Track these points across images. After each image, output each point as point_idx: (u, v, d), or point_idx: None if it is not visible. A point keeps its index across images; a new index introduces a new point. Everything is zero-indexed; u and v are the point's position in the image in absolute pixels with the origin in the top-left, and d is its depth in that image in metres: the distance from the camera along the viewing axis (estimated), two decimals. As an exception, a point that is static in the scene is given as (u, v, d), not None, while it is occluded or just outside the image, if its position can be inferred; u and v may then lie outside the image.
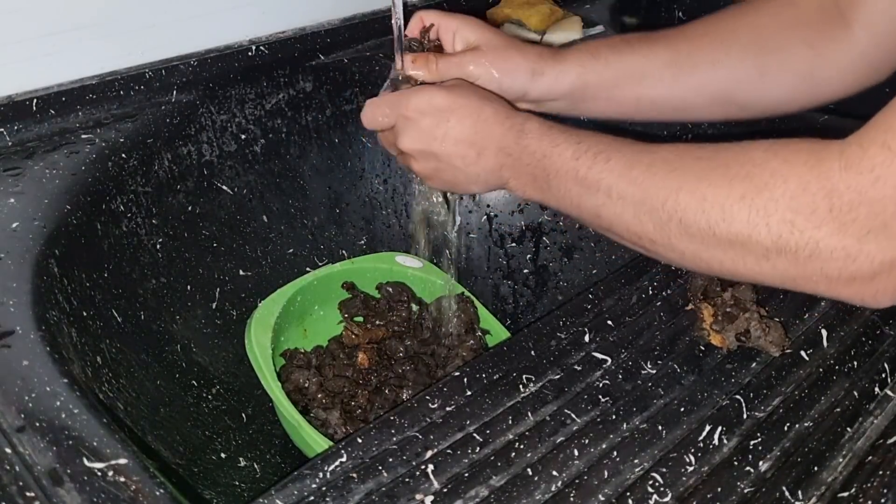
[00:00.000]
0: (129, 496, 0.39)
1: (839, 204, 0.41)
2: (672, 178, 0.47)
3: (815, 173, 0.42)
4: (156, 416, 0.60)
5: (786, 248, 0.43)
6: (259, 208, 0.81)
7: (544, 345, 0.53)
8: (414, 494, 0.42)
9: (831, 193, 0.41)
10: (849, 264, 0.42)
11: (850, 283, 0.43)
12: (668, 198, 0.47)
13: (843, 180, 0.41)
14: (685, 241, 0.47)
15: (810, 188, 0.42)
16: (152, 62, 0.75)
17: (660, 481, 0.43)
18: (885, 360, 0.53)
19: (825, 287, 0.44)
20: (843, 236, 0.41)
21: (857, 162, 0.41)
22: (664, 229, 0.48)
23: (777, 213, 0.43)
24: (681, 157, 0.48)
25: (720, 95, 0.64)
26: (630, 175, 0.49)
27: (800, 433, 0.47)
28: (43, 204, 0.59)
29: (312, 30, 0.85)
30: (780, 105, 0.66)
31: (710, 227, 0.45)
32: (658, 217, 0.48)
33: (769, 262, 0.44)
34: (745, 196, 0.44)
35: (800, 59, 0.62)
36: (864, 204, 0.41)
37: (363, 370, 0.73)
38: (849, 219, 0.41)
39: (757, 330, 0.52)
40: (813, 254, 0.42)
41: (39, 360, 0.46)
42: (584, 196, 0.52)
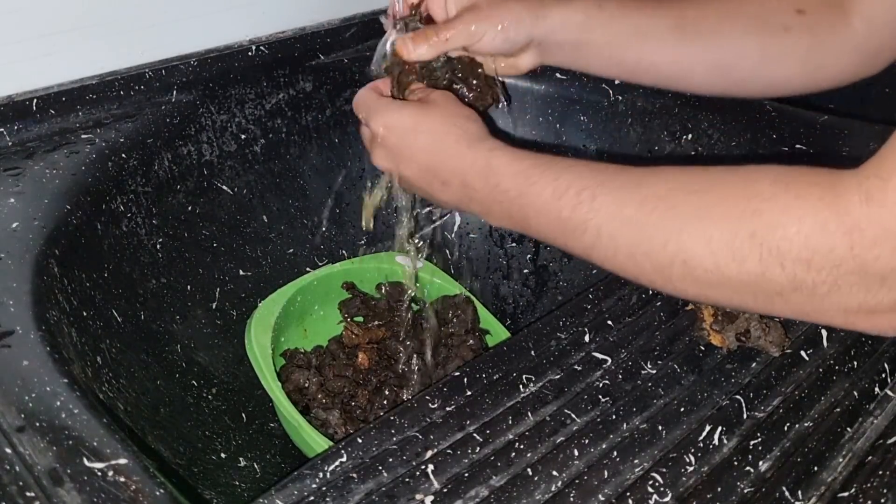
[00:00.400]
0: (129, 496, 0.39)
1: (861, 241, 0.38)
2: (670, 217, 0.44)
3: (834, 210, 0.39)
4: (156, 416, 0.60)
5: (802, 287, 0.40)
6: (259, 208, 0.81)
7: (544, 345, 0.53)
8: (414, 494, 0.42)
9: (852, 230, 0.38)
10: (868, 299, 0.40)
11: (869, 317, 0.41)
12: (668, 240, 0.44)
13: (865, 215, 0.38)
14: (689, 283, 0.44)
15: (829, 226, 0.39)
16: (152, 62, 0.75)
17: (660, 481, 0.43)
18: (885, 360, 0.53)
19: (842, 320, 0.42)
20: (864, 274, 0.39)
21: (878, 195, 0.38)
22: (665, 272, 0.45)
23: (792, 252, 0.40)
24: (676, 192, 0.45)
25: (720, 67, 0.64)
26: (622, 215, 0.46)
27: (800, 433, 0.47)
28: (43, 204, 0.59)
29: (312, 30, 0.85)
30: (776, 87, 0.66)
31: (717, 269, 0.42)
32: (658, 260, 0.44)
33: (783, 298, 0.42)
34: (755, 235, 0.41)
35: (799, 43, 0.62)
36: (889, 239, 0.38)
37: (363, 370, 0.73)
38: (871, 256, 0.38)
39: (757, 330, 0.52)
40: (831, 291, 0.40)
41: (39, 360, 0.46)
42: (571, 238, 0.48)
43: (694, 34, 0.63)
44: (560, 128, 0.87)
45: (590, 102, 0.85)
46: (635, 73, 0.66)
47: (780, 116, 0.75)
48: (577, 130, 0.87)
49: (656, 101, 0.82)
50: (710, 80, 0.65)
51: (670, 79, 0.66)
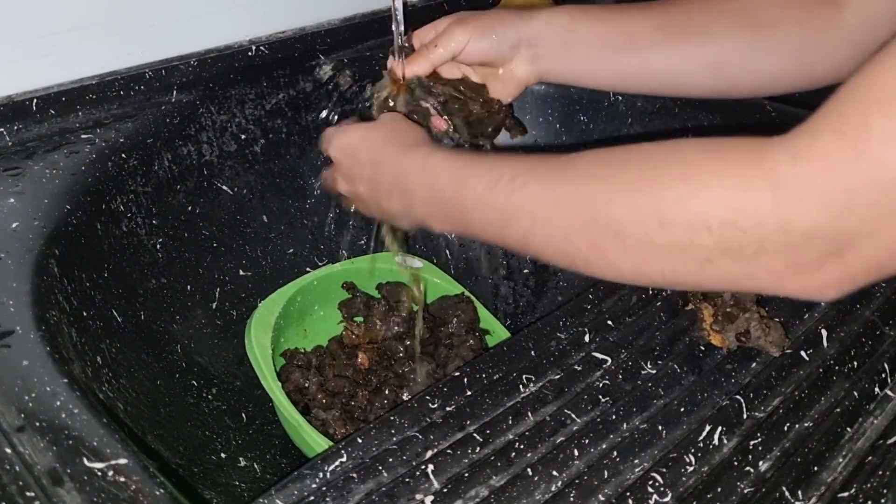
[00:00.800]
0: (129, 496, 0.39)
1: (786, 198, 0.38)
2: (599, 191, 0.44)
3: (758, 168, 0.39)
4: (156, 416, 0.60)
5: (729, 248, 0.40)
6: (259, 208, 0.81)
7: (544, 345, 0.53)
8: (414, 494, 0.42)
9: (776, 187, 0.38)
10: (795, 257, 0.39)
11: (796, 276, 0.40)
12: (598, 213, 0.44)
13: (790, 172, 0.38)
14: (623, 257, 0.44)
15: (753, 184, 0.39)
16: (152, 62, 0.75)
17: (660, 481, 0.43)
18: (885, 360, 0.53)
19: (770, 282, 0.41)
20: (789, 231, 0.39)
21: (806, 151, 0.38)
22: (598, 247, 0.44)
23: (717, 214, 0.40)
24: (605, 166, 0.45)
25: (710, 66, 0.64)
26: (553, 195, 0.46)
27: (800, 433, 0.47)
28: (43, 204, 0.59)
29: (312, 30, 0.85)
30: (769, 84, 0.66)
31: (648, 237, 0.42)
32: (590, 235, 0.44)
33: (713, 264, 0.41)
34: (681, 199, 0.41)
35: (790, 37, 0.62)
36: (814, 195, 0.38)
37: (363, 370, 0.73)
38: (796, 212, 0.38)
39: (757, 330, 0.52)
40: (758, 251, 0.40)
41: (39, 360, 0.46)
42: (507, 227, 0.48)
43: (680, 32, 0.63)
44: (560, 128, 0.87)
45: (590, 102, 0.85)
46: (628, 77, 0.66)
47: (780, 116, 0.75)
48: (577, 130, 0.87)
49: (656, 101, 0.82)
50: (704, 80, 0.66)
51: (662, 81, 0.67)
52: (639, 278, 0.45)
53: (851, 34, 0.61)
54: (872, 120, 0.36)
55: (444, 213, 0.52)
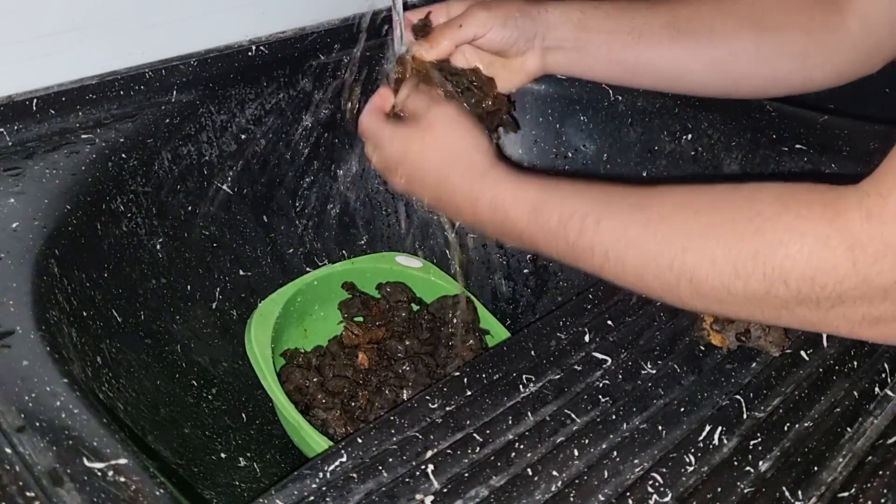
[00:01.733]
0: (129, 496, 0.39)
1: (863, 257, 0.39)
2: (674, 238, 0.45)
3: (835, 227, 0.40)
4: (156, 416, 0.60)
5: (807, 301, 0.41)
6: (259, 208, 0.81)
7: (544, 345, 0.53)
8: (414, 494, 0.42)
9: (854, 247, 0.39)
10: (872, 311, 0.40)
11: (873, 327, 0.42)
12: (674, 259, 0.44)
13: (866, 232, 0.39)
14: (696, 299, 0.45)
15: (830, 243, 0.40)
16: (152, 62, 0.75)
17: (660, 481, 0.43)
18: (885, 360, 0.53)
19: (846, 330, 0.43)
20: (867, 288, 0.40)
21: (879, 211, 0.39)
22: (673, 290, 0.46)
23: (795, 270, 0.41)
24: (679, 212, 0.45)
25: (716, 65, 0.65)
26: (626, 237, 0.47)
27: (800, 433, 0.47)
28: (43, 204, 0.59)
29: (312, 30, 0.85)
30: (771, 85, 0.67)
31: (723, 287, 0.43)
32: (664, 279, 0.45)
33: (788, 311, 0.43)
34: (758, 254, 0.42)
35: (794, 41, 0.63)
36: (889, 255, 0.39)
37: (363, 370, 0.73)
38: (874, 271, 0.39)
39: (757, 330, 0.52)
40: (836, 304, 0.41)
41: (39, 360, 0.46)
42: (581, 260, 0.50)
43: (688, 32, 0.65)
44: (560, 128, 0.87)
45: (590, 102, 0.85)
46: (635, 74, 0.67)
47: (780, 116, 0.75)
48: (577, 130, 0.87)
49: (656, 101, 0.82)
50: (709, 79, 0.67)
51: (669, 79, 0.68)
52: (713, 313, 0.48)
53: (853, 40, 0.62)
54: None
55: (516, 238, 0.53)
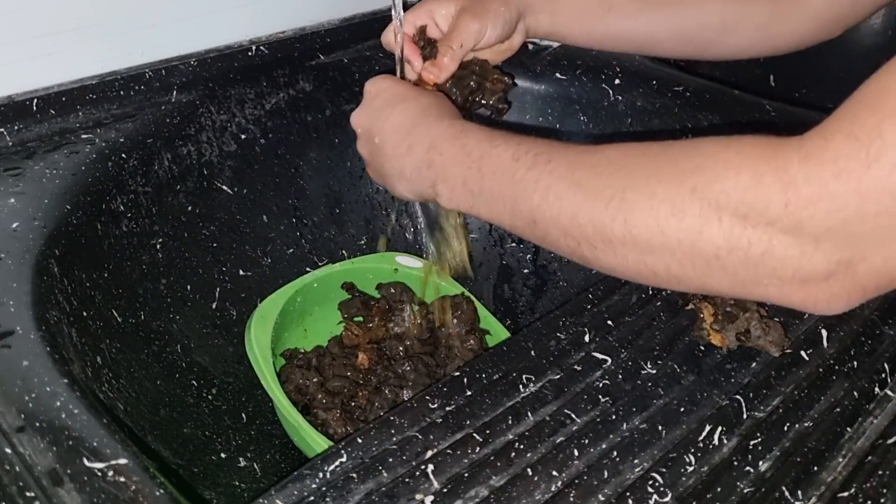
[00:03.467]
0: (129, 496, 0.39)
1: (796, 198, 0.38)
2: (618, 176, 0.44)
3: (772, 165, 0.39)
4: (156, 416, 0.60)
5: (738, 246, 0.40)
6: (259, 208, 0.81)
7: (544, 345, 0.53)
8: (414, 494, 0.42)
9: (788, 186, 0.38)
10: (804, 263, 0.39)
11: (804, 285, 0.40)
12: (612, 196, 0.44)
13: (802, 172, 0.38)
14: (629, 244, 0.44)
15: (765, 180, 0.39)
16: (152, 62, 0.75)
17: (660, 481, 0.43)
18: (885, 360, 0.53)
19: (776, 291, 0.41)
20: (798, 233, 0.38)
21: (818, 153, 0.38)
22: (606, 231, 0.44)
23: (729, 206, 0.40)
24: (628, 155, 0.45)
25: (682, 35, 0.70)
26: (572, 175, 0.46)
27: (800, 433, 0.47)
28: (43, 204, 0.59)
29: (312, 30, 0.85)
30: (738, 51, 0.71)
31: (658, 225, 0.42)
32: (600, 218, 0.44)
33: (719, 262, 0.41)
34: (696, 189, 0.41)
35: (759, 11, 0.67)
36: (824, 199, 0.37)
37: (363, 370, 0.73)
38: (806, 215, 0.38)
39: (757, 329, 0.52)
40: (766, 252, 0.39)
41: (39, 360, 0.46)
42: (519, 198, 0.48)
43: (655, 4, 0.69)
44: (560, 128, 0.87)
45: (590, 102, 0.85)
46: (606, 42, 0.72)
47: (780, 116, 0.75)
48: (577, 130, 0.87)
49: (656, 101, 0.82)
50: (675, 47, 0.71)
51: (637, 46, 0.73)
52: (641, 269, 0.45)
53: (816, 10, 0.65)
54: (886, 126, 0.36)
55: (460, 177, 0.52)
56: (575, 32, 0.71)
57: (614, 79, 0.83)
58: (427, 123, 0.56)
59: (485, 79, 0.67)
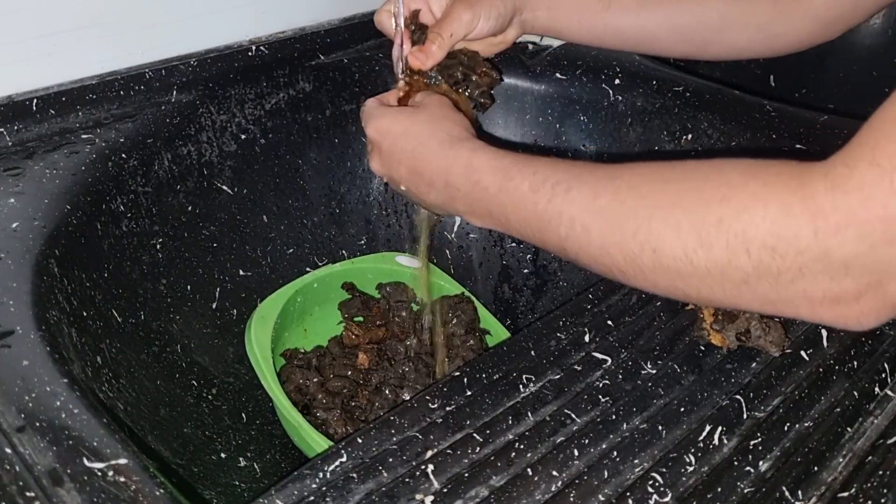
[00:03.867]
0: (129, 496, 0.39)
1: (825, 227, 0.39)
2: (642, 206, 0.44)
3: (799, 195, 0.39)
4: (156, 416, 0.60)
5: (767, 273, 0.41)
6: (259, 208, 0.81)
7: (544, 345, 0.53)
8: (414, 494, 0.42)
9: (816, 215, 0.39)
10: (833, 287, 0.40)
11: (834, 307, 0.41)
12: (639, 228, 0.44)
13: (829, 201, 0.38)
14: (659, 272, 0.44)
15: (793, 211, 0.39)
16: (152, 62, 0.75)
17: (660, 481, 0.43)
18: (885, 360, 0.53)
19: (807, 310, 0.42)
20: (828, 260, 0.39)
21: (843, 182, 0.38)
22: (636, 261, 0.45)
23: (758, 237, 0.40)
24: (648, 182, 0.45)
25: (681, 33, 0.69)
26: (595, 205, 0.46)
27: (800, 433, 0.47)
28: (43, 204, 0.59)
29: (312, 30, 0.85)
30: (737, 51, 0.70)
31: (686, 256, 0.42)
32: (629, 248, 0.45)
33: (749, 287, 0.42)
34: (722, 220, 0.41)
35: (760, 11, 0.66)
36: (853, 226, 0.38)
37: (363, 370, 0.73)
38: (835, 242, 0.39)
39: (757, 329, 0.52)
40: (796, 278, 0.40)
41: (39, 360, 0.46)
42: (546, 230, 0.49)
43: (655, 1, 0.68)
44: (560, 128, 0.87)
45: (590, 102, 0.85)
46: (604, 39, 0.71)
47: (780, 116, 0.75)
48: (577, 130, 0.87)
49: (656, 101, 0.82)
50: (674, 45, 0.71)
51: (636, 43, 0.72)
52: (673, 292, 0.46)
53: (817, 10, 0.65)
54: None
55: (485, 210, 0.53)
56: (573, 28, 0.71)
57: (614, 79, 0.83)
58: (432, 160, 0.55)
59: (472, 71, 0.66)
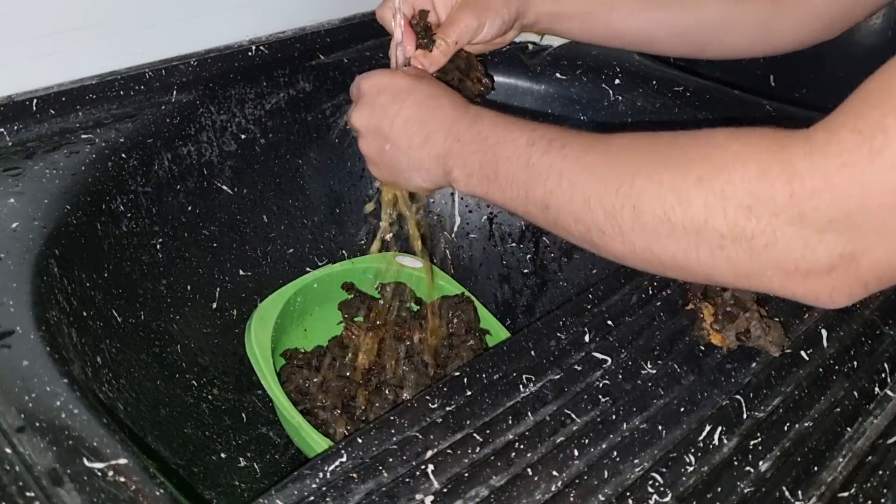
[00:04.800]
0: (129, 496, 0.39)
1: (801, 190, 0.38)
2: (628, 163, 0.45)
3: (778, 157, 0.39)
4: (156, 416, 0.60)
5: (742, 236, 0.41)
6: (259, 208, 0.81)
7: (544, 345, 0.53)
8: (414, 494, 0.42)
9: (793, 178, 0.39)
10: (806, 255, 0.40)
11: (806, 278, 0.40)
12: (622, 183, 0.45)
13: (807, 165, 0.38)
14: (637, 231, 0.44)
15: (771, 172, 0.39)
16: (152, 62, 0.75)
17: (660, 481, 0.43)
18: (885, 360, 0.53)
19: (780, 282, 0.42)
20: (802, 225, 0.39)
21: (823, 146, 0.38)
22: (616, 217, 0.45)
23: (735, 197, 0.40)
24: (639, 143, 0.46)
25: (683, 34, 0.69)
26: (584, 161, 0.47)
27: (800, 433, 0.47)
28: (43, 204, 0.59)
29: (312, 30, 0.85)
30: (738, 51, 0.71)
31: (664, 213, 0.43)
32: (610, 204, 0.45)
33: (724, 252, 0.42)
34: (702, 179, 0.41)
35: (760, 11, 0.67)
36: (828, 191, 0.38)
37: (363, 370, 0.73)
38: (810, 206, 0.38)
39: (757, 329, 0.52)
40: (769, 243, 0.40)
41: (39, 360, 0.46)
42: (533, 184, 0.49)
43: (658, 3, 0.69)
44: (560, 128, 0.87)
45: (590, 102, 0.85)
46: (605, 39, 0.72)
47: (780, 116, 0.75)
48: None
49: (656, 100, 0.82)
50: (675, 45, 0.71)
51: (638, 44, 0.73)
52: (648, 257, 0.46)
53: (817, 9, 0.65)
54: (889, 121, 0.37)
55: (477, 163, 0.53)
56: (575, 29, 0.71)
57: (614, 79, 0.83)
58: (442, 112, 0.56)
59: (467, 76, 0.67)
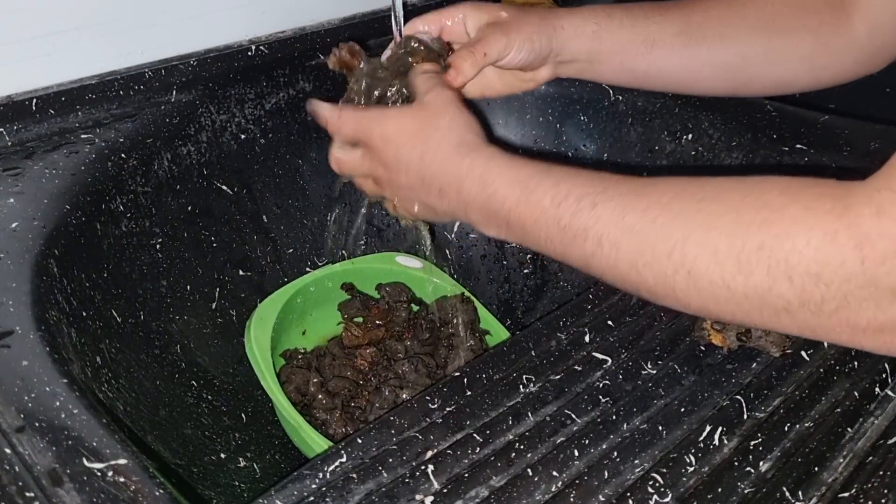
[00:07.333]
0: (129, 496, 0.39)
1: (872, 255, 0.37)
2: (675, 226, 0.43)
3: (844, 222, 0.38)
4: (156, 416, 0.60)
5: (810, 301, 0.39)
6: (259, 208, 0.81)
7: (544, 345, 0.53)
8: (414, 494, 0.42)
9: (863, 243, 0.37)
10: (878, 315, 0.38)
11: (878, 335, 0.40)
12: (673, 249, 0.42)
13: (876, 228, 0.37)
14: (692, 295, 0.43)
15: (839, 238, 0.38)
16: (152, 62, 0.75)
17: (660, 482, 0.43)
18: (885, 360, 0.53)
19: (849, 337, 0.40)
20: (874, 288, 0.38)
21: (890, 208, 0.37)
22: (668, 283, 0.43)
23: (801, 265, 0.39)
24: (679, 200, 0.43)
25: (726, 69, 0.66)
26: (624, 223, 0.44)
27: (800, 433, 0.47)
28: (43, 204, 0.59)
29: (312, 30, 0.85)
30: (780, 85, 0.68)
31: (723, 281, 0.41)
32: (661, 270, 0.43)
33: (789, 314, 0.40)
34: (763, 246, 0.40)
35: (803, 44, 0.64)
36: None
37: (363, 371, 0.73)
38: (883, 270, 0.37)
39: (758, 330, 0.52)
40: (840, 307, 0.39)
41: (39, 360, 0.46)
42: (570, 246, 0.47)
43: (700, 38, 0.65)
44: (560, 128, 0.87)
45: (590, 102, 0.85)
46: (646, 80, 0.68)
47: (780, 116, 0.75)
48: (577, 130, 0.87)
49: (656, 100, 0.82)
50: (717, 83, 0.67)
51: (679, 83, 0.68)
52: (706, 314, 0.45)
53: (860, 42, 0.63)
54: None
55: (502, 222, 0.50)
56: (614, 72, 0.67)
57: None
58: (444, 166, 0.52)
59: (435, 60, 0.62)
